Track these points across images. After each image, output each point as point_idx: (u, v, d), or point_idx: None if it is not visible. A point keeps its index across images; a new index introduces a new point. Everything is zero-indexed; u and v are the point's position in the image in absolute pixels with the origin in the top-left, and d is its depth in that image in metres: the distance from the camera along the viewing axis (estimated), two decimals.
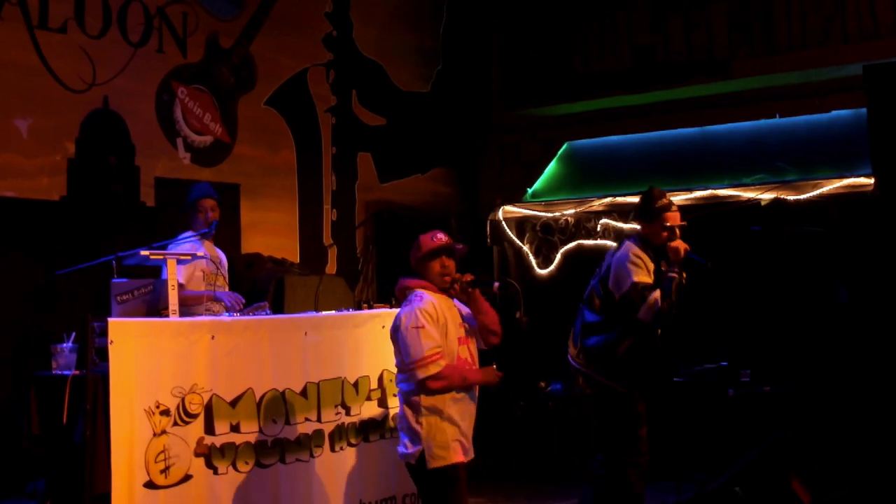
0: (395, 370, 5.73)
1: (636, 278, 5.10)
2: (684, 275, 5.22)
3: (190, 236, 5.70)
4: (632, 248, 5.23)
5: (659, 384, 5.93)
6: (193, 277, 5.60)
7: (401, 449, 4.35)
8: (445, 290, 4.44)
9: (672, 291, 5.09)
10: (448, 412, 4.26)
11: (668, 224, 5.23)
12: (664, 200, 5.28)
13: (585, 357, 5.32)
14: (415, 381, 4.25)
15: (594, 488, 5.39)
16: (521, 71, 9.37)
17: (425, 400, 4.25)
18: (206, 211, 5.75)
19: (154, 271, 5.24)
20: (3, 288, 5.92)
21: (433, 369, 4.20)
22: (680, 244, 5.19)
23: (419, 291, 4.38)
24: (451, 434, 4.25)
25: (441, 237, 4.43)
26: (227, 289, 5.83)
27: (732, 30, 8.22)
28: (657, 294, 5.06)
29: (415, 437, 4.25)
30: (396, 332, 4.33)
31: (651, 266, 5.20)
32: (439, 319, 4.29)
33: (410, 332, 4.23)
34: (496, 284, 4.58)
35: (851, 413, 6.05)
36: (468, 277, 4.46)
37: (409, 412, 4.30)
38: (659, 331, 5.35)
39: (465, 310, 4.55)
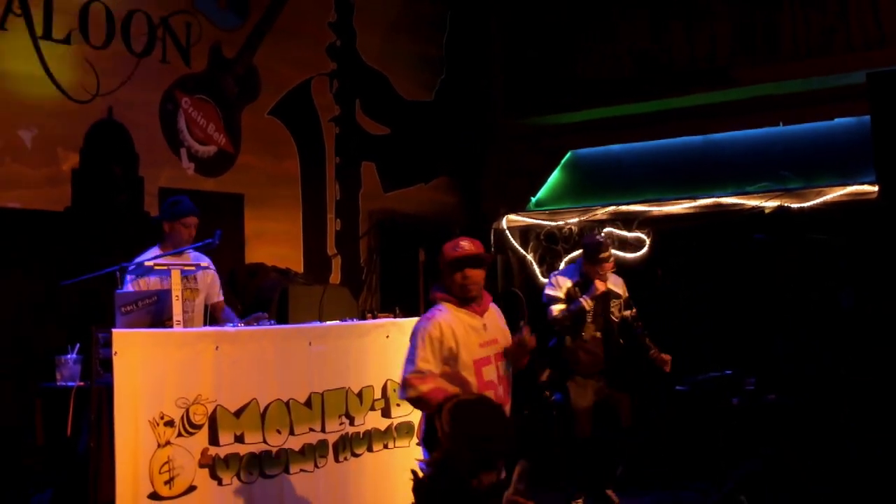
0: (398, 380, 5.77)
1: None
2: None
3: (158, 255, 5.46)
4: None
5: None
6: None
7: (423, 466, 3.98)
8: (469, 303, 4.23)
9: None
10: None
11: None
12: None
13: None
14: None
15: None
16: (524, 80, 9.39)
17: None
18: (190, 228, 5.57)
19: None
20: (7, 299, 5.92)
21: (410, 392, 4.06)
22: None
23: (440, 305, 4.23)
24: None
25: (464, 246, 4.23)
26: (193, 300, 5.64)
27: (735, 38, 8.24)
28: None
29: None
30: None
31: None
32: (445, 343, 4.10)
33: (410, 346, 4.13)
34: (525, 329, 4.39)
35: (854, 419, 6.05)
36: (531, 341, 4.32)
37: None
38: None
39: (502, 321, 4.40)
